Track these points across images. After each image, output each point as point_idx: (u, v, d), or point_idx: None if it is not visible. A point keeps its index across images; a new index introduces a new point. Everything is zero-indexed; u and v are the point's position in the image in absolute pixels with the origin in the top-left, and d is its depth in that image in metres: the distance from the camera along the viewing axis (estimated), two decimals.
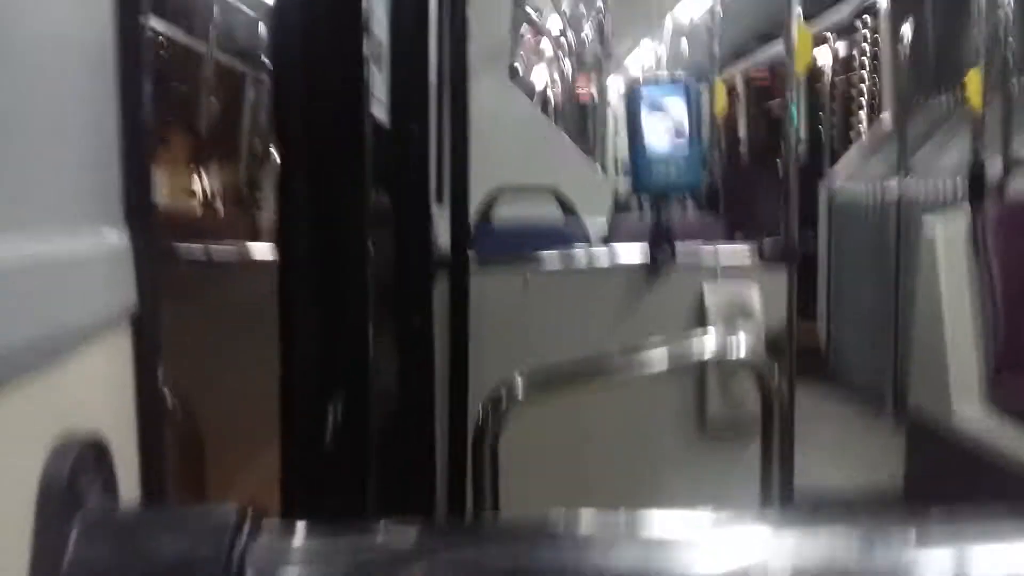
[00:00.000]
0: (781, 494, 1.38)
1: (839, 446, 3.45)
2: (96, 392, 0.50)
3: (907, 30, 3.98)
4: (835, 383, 4.36)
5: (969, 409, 2.50)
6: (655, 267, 1.86)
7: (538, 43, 9.64)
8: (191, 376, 0.85)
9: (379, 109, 1.21)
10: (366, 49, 0.70)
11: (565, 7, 6.85)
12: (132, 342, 0.53)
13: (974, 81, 2.79)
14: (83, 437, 0.44)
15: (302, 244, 0.60)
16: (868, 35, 5.51)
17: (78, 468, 0.42)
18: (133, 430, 0.54)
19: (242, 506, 0.42)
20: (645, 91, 1.76)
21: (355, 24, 0.69)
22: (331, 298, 0.58)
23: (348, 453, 0.61)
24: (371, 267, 0.64)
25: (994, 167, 2.96)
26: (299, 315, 0.52)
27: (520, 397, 1.32)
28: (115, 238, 0.52)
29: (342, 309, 0.60)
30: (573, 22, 7.00)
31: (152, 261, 0.54)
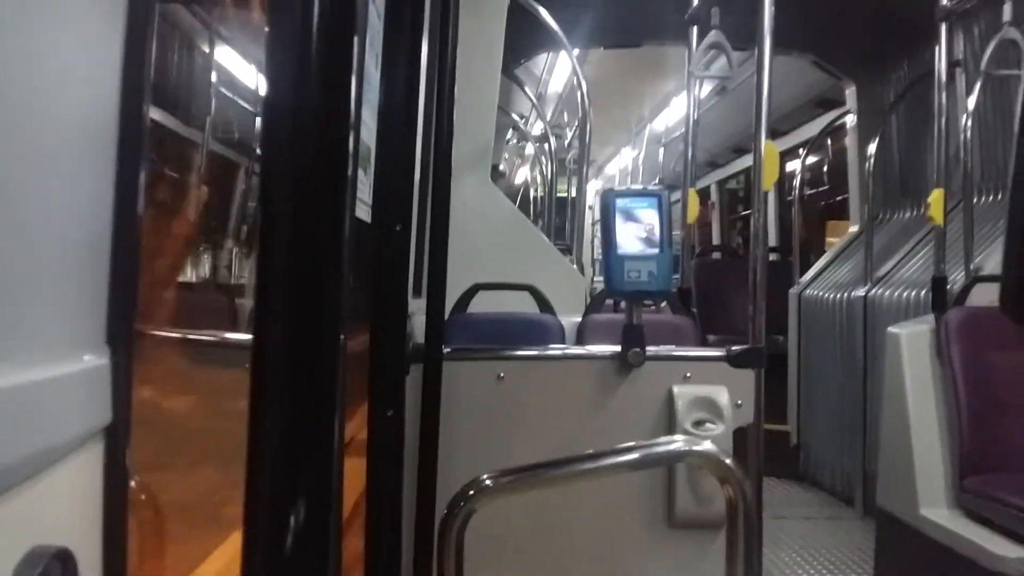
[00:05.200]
0: None
1: (809, 544, 3.43)
2: (66, 503, 0.50)
3: (872, 148, 4.19)
4: (805, 483, 4.37)
5: (936, 513, 2.51)
6: (626, 368, 1.89)
7: (523, 147, 9.96)
8: (159, 478, 0.85)
9: (362, 210, 1.26)
10: (352, 151, 0.74)
11: (549, 114, 7.13)
12: (103, 452, 0.54)
13: (937, 200, 2.92)
14: (51, 548, 0.44)
15: (276, 335, 0.61)
16: (837, 151, 5.78)
17: None
18: (100, 539, 0.54)
19: None
20: (619, 200, 1.84)
21: (343, 131, 0.73)
22: (302, 392, 0.59)
23: (311, 555, 0.61)
24: (344, 360, 0.66)
25: (957, 279, 3.07)
26: (268, 408, 0.54)
27: (487, 496, 1.31)
28: (95, 360, 0.52)
29: (313, 403, 0.61)
30: (556, 129, 7.26)
31: (128, 374, 0.55)
